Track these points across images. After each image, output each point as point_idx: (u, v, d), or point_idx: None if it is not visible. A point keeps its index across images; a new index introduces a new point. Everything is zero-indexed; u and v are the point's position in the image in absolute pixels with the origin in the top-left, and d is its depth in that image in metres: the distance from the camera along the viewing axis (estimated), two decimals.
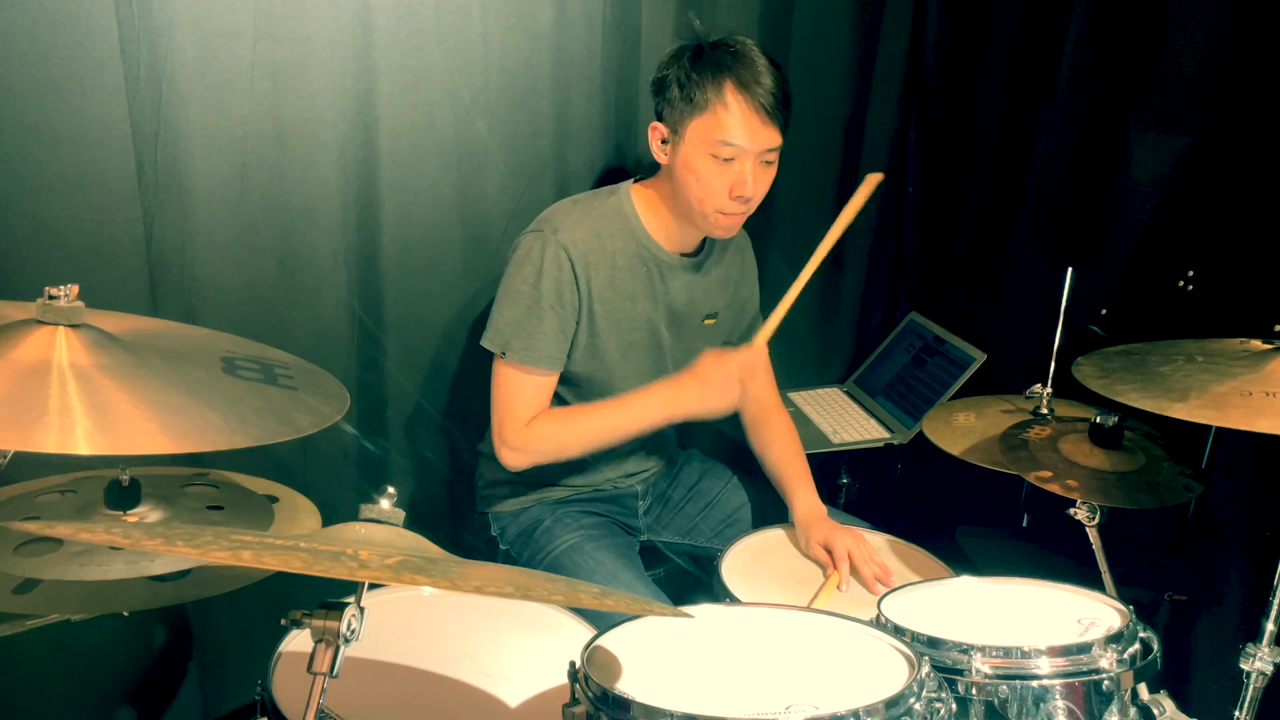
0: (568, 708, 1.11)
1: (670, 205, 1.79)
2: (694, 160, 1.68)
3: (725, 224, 1.74)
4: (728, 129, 1.65)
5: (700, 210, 1.72)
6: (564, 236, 1.73)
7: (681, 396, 1.74)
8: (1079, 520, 1.57)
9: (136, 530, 1.02)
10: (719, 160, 1.67)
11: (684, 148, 1.69)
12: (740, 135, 1.65)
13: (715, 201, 1.70)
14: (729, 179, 1.68)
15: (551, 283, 1.72)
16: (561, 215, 1.77)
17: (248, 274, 1.83)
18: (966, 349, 2.37)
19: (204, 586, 1.33)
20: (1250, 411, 1.28)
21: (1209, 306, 1.90)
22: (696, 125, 1.67)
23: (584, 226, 1.76)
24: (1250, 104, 1.87)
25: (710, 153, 1.67)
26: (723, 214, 1.72)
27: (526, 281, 1.73)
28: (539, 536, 1.88)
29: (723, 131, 1.65)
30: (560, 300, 1.74)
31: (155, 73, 1.66)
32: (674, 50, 1.74)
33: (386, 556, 0.97)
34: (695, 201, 1.71)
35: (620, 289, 1.80)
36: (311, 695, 0.99)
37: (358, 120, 1.86)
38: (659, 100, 1.74)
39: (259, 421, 1.13)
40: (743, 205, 1.71)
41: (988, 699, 1.23)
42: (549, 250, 1.72)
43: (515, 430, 1.76)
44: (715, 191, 1.69)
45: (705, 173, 1.68)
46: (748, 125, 1.65)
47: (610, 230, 1.78)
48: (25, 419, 1.01)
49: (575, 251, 1.73)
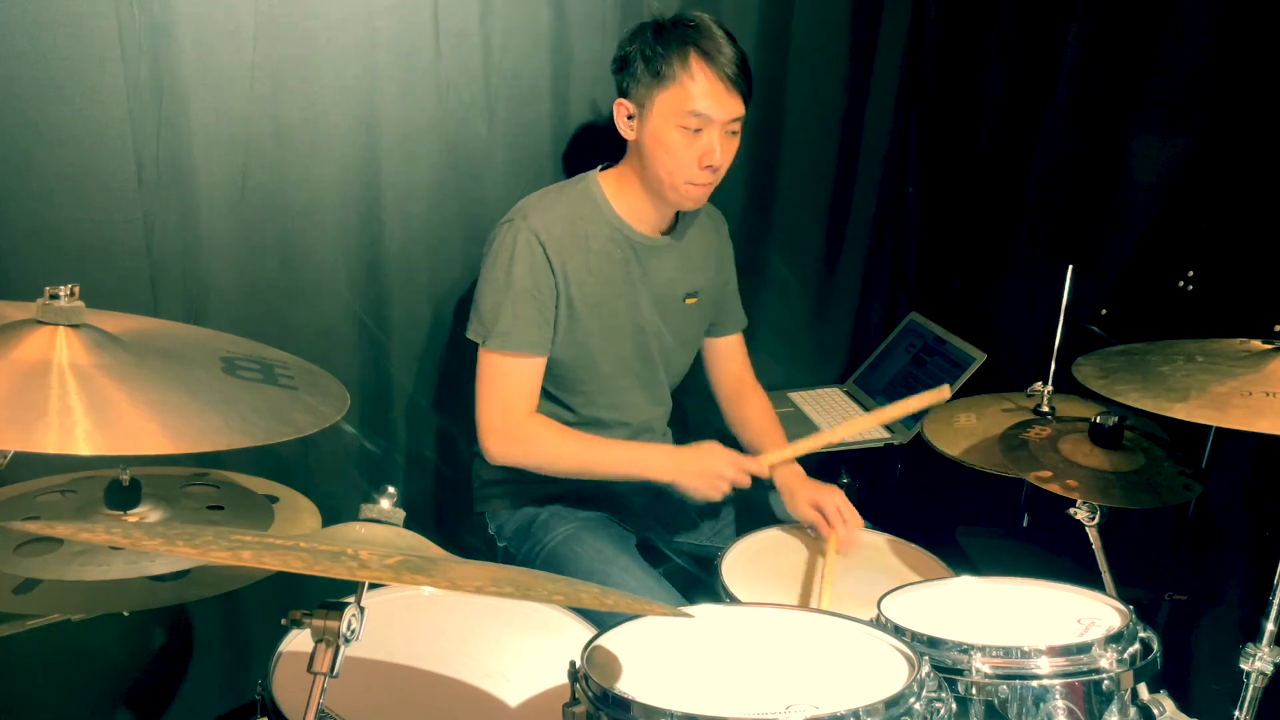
0: (568, 708, 1.11)
1: (640, 184, 1.81)
2: (662, 133, 1.72)
3: (695, 194, 1.78)
4: (695, 99, 1.68)
5: (670, 182, 1.75)
6: (534, 222, 1.75)
7: (676, 467, 1.78)
8: (1079, 520, 1.57)
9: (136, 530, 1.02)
10: (687, 131, 1.70)
11: (652, 121, 1.72)
12: (708, 105, 1.69)
13: (685, 173, 1.73)
14: (697, 150, 1.71)
15: (525, 268, 1.74)
16: (532, 204, 1.80)
17: (248, 274, 1.83)
18: (966, 349, 2.37)
19: (204, 586, 1.33)
20: (1250, 412, 1.28)
21: (1209, 306, 1.90)
22: (664, 98, 1.70)
23: (554, 212, 1.78)
24: (1250, 104, 1.87)
25: (679, 124, 1.70)
26: (692, 184, 1.75)
27: (501, 269, 1.75)
28: (536, 530, 1.88)
29: (690, 102, 1.68)
30: (536, 285, 1.75)
31: (156, 72, 1.66)
32: (634, 28, 1.77)
33: (386, 556, 0.97)
34: (665, 174, 1.75)
35: (597, 273, 1.81)
36: (311, 695, 0.99)
37: (359, 120, 1.86)
38: (622, 77, 1.77)
39: (259, 421, 1.13)
40: (711, 175, 1.75)
41: (988, 699, 1.23)
42: (520, 237, 1.74)
43: (502, 418, 1.77)
44: (685, 163, 1.72)
45: (674, 144, 1.71)
46: (714, 95, 1.69)
47: (581, 215, 1.80)
48: (25, 419, 1.01)
49: (546, 236, 1.75)
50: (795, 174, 2.46)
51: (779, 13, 2.32)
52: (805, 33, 2.37)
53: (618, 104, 1.77)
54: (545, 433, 1.81)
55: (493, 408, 1.78)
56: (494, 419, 1.78)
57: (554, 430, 1.82)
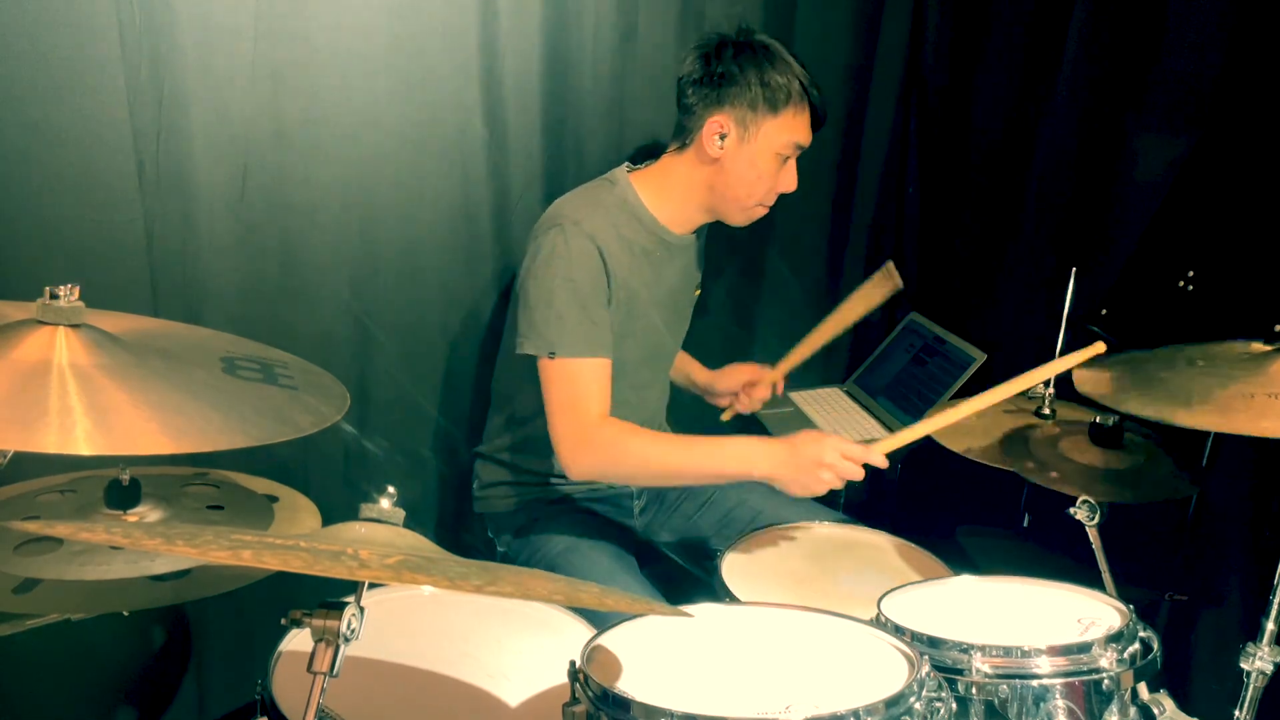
0: (568, 707, 1.11)
1: (689, 190, 1.82)
2: (760, 158, 1.75)
3: (757, 216, 1.84)
4: (801, 134, 1.77)
5: (744, 205, 1.80)
6: (587, 226, 1.73)
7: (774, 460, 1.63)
8: (1079, 520, 1.57)
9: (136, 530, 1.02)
10: (780, 160, 1.76)
11: (754, 145, 1.75)
12: (806, 138, 1.79)
13: (763, 197, 1.80)
14: (782, 178, 1.79)
15: (584, 272, 1.71)
16: (574, 208, 1.77)
17: (249, 274, 1.83)
18: (966, 349, 2.37)
19: (204, 586, 1.33)
20: (1254, 414, 1.27)
21: (1209, 307, 1.90)
22: (774, 126, 1.74)
23: (600, 216, 1.76)
24: (1250, 104, 1.87)
25: (778, 152, 1.75)
26: (763, 206, 1.83)
27: (560, 275, 1.69)
28: (535, 537, 1.88)
29: (798, 134, 1.77)
30: (596, 287, 1.73)
31: (156, 72, 1.66)
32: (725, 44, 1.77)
33: (386, 556, 0.97)
34: (744, 195, 1.78)
35: (636, 276, 1.81)
36: (311, 695, 0.99)
37: (360, 121, 1.86)
38: (720, 92, 1.74)
39: (259, 421, 1.13)
40: (775, 198, 1.82)
41: (988, 698, 1.23)
42: (575, 242, 1.71)
43: (577, 426, 1.67)
44: (768, 188, 1.79)
45: (767, 171, 1.76)
46: (810, 129, 1.79)
47: (622, 220, 1.80)
48: (25, 419, 1.01)
49: (601, 240, 1.73)
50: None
51: (780, 13, 2.32)
52: (806, 33, 2.37)
53: (712, 120, 1.74)
54: (627, 437, 1.68)
55: (568, 418, 1.67)
56: (570, 429, 1.67)
57: (635, 433, 1.69)
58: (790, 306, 2.56)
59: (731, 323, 2.44)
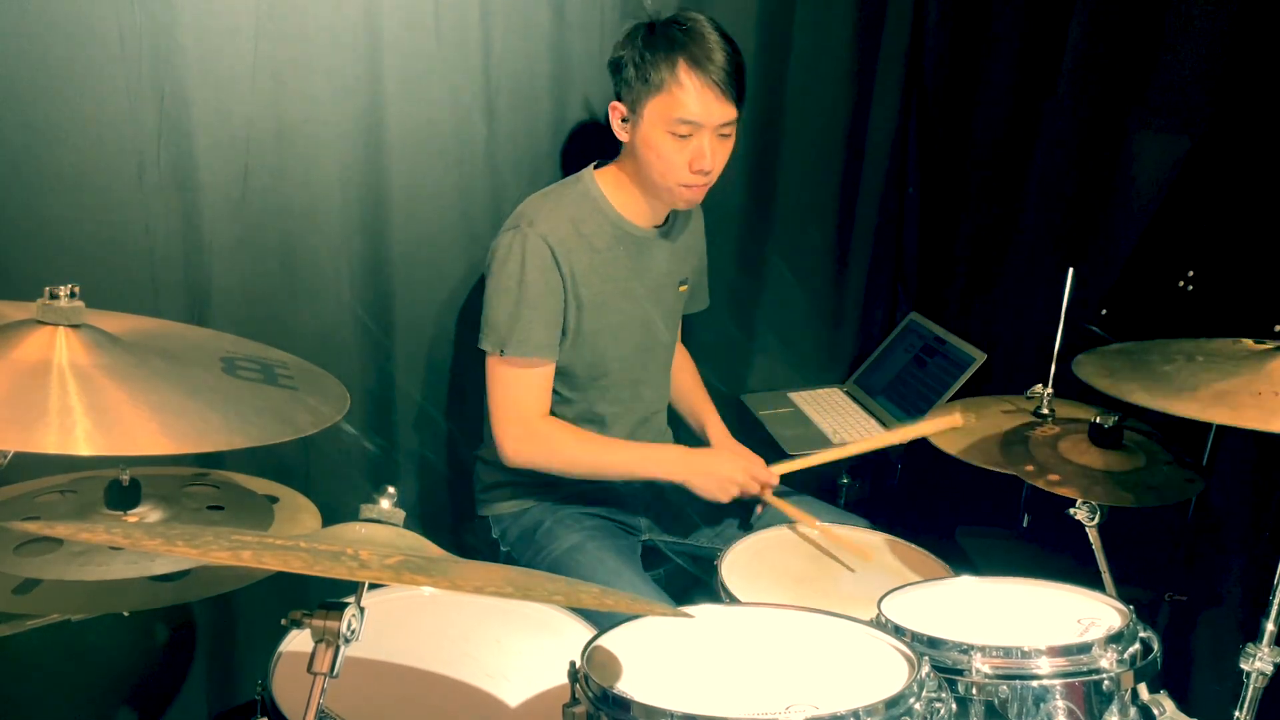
0: (568, 708, 1.11)
1: (636, 181, 1.83)
2: (653, 138, 1.74)
3: (688, 196, 1.80)
4: (684, 107, 1.70)
5: (664, 184, 1.78)
6: (541, 227, 1.76)
7: (690, 469, 1.84)
8: (1079, 520, 1.57)
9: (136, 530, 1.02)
10: (677, 137, 1.72)
11: (643, 126, 1.74)
12: (696, 112, 1.70)
13: (677, 176, 1.76)
14: (688, 154, 1.73)
15: (536, 274, 1.75)
16: (534, 208, 1.80)
17: (249, 274, 1.83)
18: (966, 349, 2.37)
19: (204, 586, 1.33)
20: (1265, 411, 1.27)
21: (1209, 306, 1.90)
22: (653, 105, 1.72)
23: (558, 215, 1.79)
24: (1250, 104, 1.87)
25: (668, 130, 1.72)
26: (685, 186, 1.78)
27: (512, 278, 1.75)
28: (540, 537, 1.88)
29: (679, 110, 1.70)
30: (548, 290, 1.76)
31: (156, 72, 1.66)
32: (628, 29, 1.78)
33: (387, 556, 0.97)
34: (658, 177, 1.77)
35: (601, 272, 1.82)
36: (311, 695, 0.99)
37: (360, 120, 1.86)
38: (616, 80, 1.78)
39: (259, 421, 1.13)
40: (704, 177, 1.77)
41: (988, 699, 1.23)
42: (529, 244, 1.75)
43: (520, 422, 1.79)
44: (676, 166, 1.75)
45: (665, 150, 1.73)
46: (703, 102, 1.70)
47: (583, 215, 1.81)
48: (25, 419, 1.01)
49: (554, 239, 1.76)
50: (796, 174, 2.46)
51: (780, 13, 2.32)
52: (806, 33, 2.37)
53: (612, 106, 1.79)
54: (561, 435, 1.83)
55: (509, 414, 1.79)
56: (511, 425, 1.79)
57: (569, 432, 1.85)
58: (790, 307, 2.56)
59: (731, 323, 2.44)
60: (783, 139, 2.41)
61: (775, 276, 2.52)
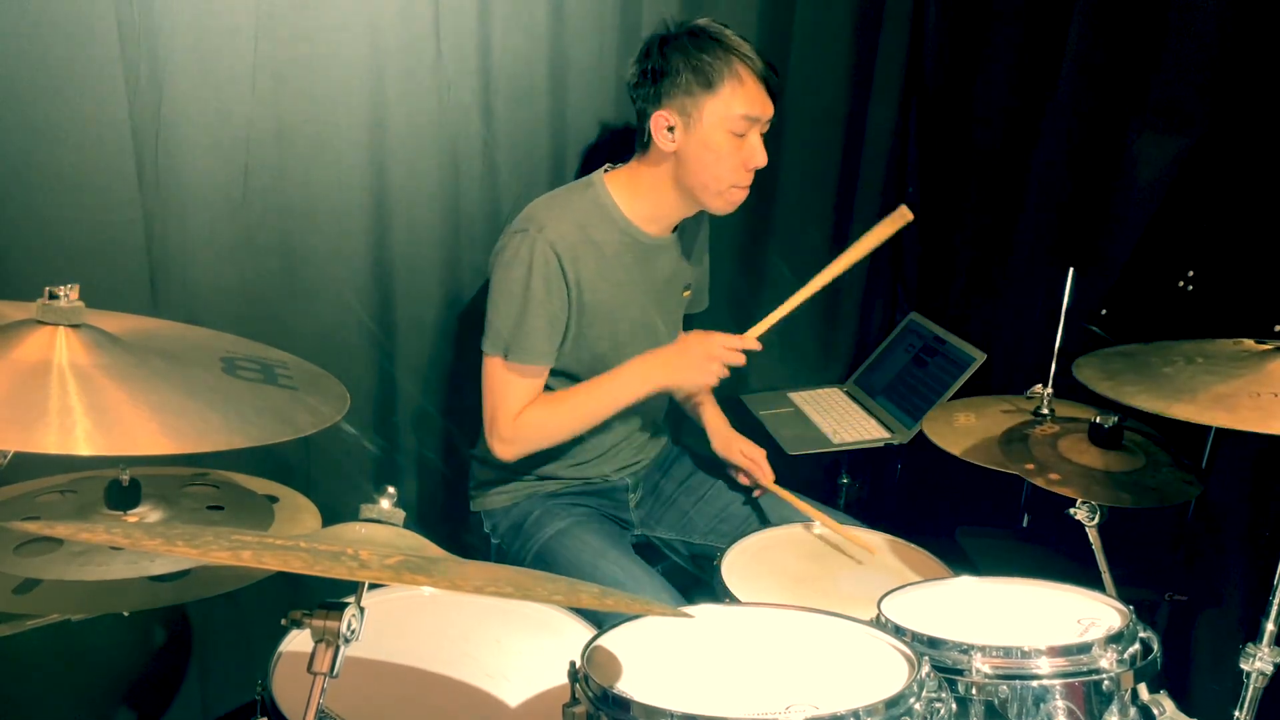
0: (568, 708, 1.11)
1: (657, 188, 1.82)
2: (714, 139, 1.74)
3: (738, 198, 1.82)
4: (748, 104, 1.73)
5: (717, 189, 1.78)
6: (550, 233, 1.75)
7: (660, 367, 1.81)
8: (1079, 520, 1.57)
9: (136, 530, 1.02)
10: (735, 136, 1.74)
11: (702, 129, 1.74)
12: (756, 107, 1.74)
13: (732, 176, 1.77)
14: (744, 154, 1.76)
15: (541, 280, 1.74)
16: (543, 212, 1.79)
17: (249, 275, 1.83)
18: (966, 349, 2.37)
19: (204, 586, 1.33)
20: (1263, 413, 1.27)
21: (1209, 306, 1.90)
22: (714, 105, 1.73)
23: (567, 220, 1.78)
24: (1251, 104, 1.87)
25: (730, 129, 1.74)
26: (738, 188, 1.80)
27: (518, 283, 1.75)
28: (529, 527, 1.89)
29: (743, 106, 1.73)
30: (551, 296, 1.76)
31: (156, 72, 1.66)
32: (655, 41, 1.77)
33: (386, 556, 0.97)
34: (712, 180, 1.77)
35: (608, 278, 1.82)
36: (311, 695, 0.99)
37: (360, 121, 1.86)
38: (658, 88, 1.75)
39: (259, 421, 1.13)
40: (751, 176, 1.79)
41: (988, 699, 1.23)
42: (536, 248, 1.74)
43: (507, 423, 1.79)
44: (733, 166, 1.76)
45: (725, 150, 1.75)
46: (760, 98, 1.75)
47: (591, 220, 1.81)
48: (25, 419, 1.01)
49: (562, 246, 1.75)
50: (796, 174, 2.46)
51: (780, 13, 2.32)
52: (806, 33, 2.37)
53: (657, 116, 1.76)
54: (540, 413, 1.81)
55: (503, 415, 1.79)
56: (503, 427, 1.80)
57: (544, 404, 1.83)
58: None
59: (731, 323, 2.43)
60: (783, 139, 2.41)
61: (775, 276, 2.52)
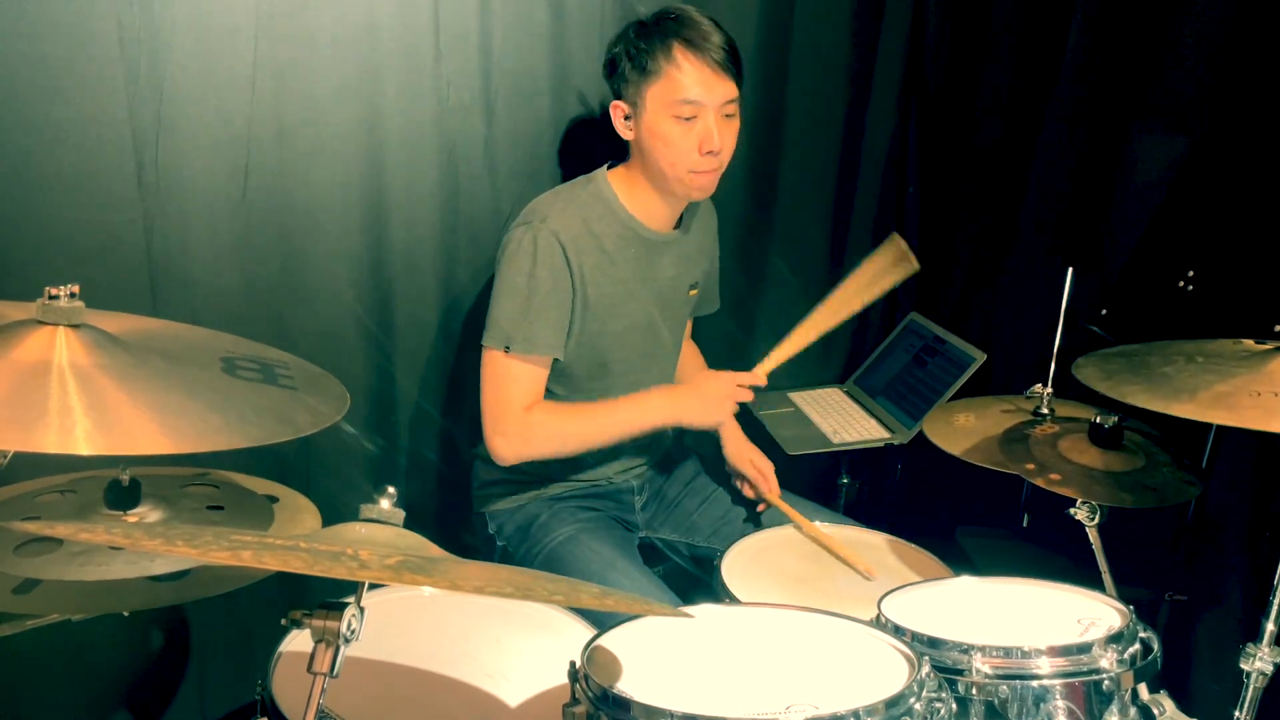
0: (568, 708, 1.11)
1: (648, 182, 1.82)
2: (658, 126, 1.72)
3: (701, 182, 1.78)
4: (684, 87, 1.70)
5: (674, 175, 1.76)
6: (553, 224, 1.75)
7: (679, 404, 1.83)
8: (1079, 520, 1.57)
9: (136, 530, 1.02)
10: (682, 120, 1.71)
11: (646, 116, 1.73)
12: (697, 91, 1.70)
13: (686, 161, 1.74)
14: (695, 137, 1.72)
15: (546, 271, 1.74)
16: (546, 205, 1.79)
17: (249, 274, 1.83)
18: (966, 349, 2.37)
19: (204, 586, 1.33)
20: (1264, 412, 1.27)
21: (1209, 306, 1.90)
22: (654, 91, 1.72)
23: (570, 214, 1.78)
24: (1251, 104, 1.87)
25: (672, 114, 1.71)
26: (696, 173, 1.76)
27: (522, 274, 1.74)
28: (535, 531, 1.88)
29: (680, 91, 1.70)
30: (556, 288, 1.75)
31: (156, 73, 1.66)
32: (619, 31, 1.79)
33: (386, 556, 0.97)
34: (668, 167, 1.75)
35: (610, 273, 1.81)
36: (311, 695, 0.99)
37: (359, 120, 1.86)
38: (613, 80, 1.78)
39: (259, 421, 1.13)
40: (714, 160, 1.75)
41: (988, 699, 1.23)
42: (541, 240, 1.74)
43: (512, 418, 1.77)
44: (684, 151, 1.73)
45: (672, 135, 1.72)
46: (703, 80, 1.70)
47: (595, 215, 1.80)
48: (25, 419, 1.01)
49: (565, 238, 1.75)
50: (796, 174, 2.46)
51: (779, 13, 2.32)
52: (806, 33, 2.37)
53: (613, 106, 1.78)
54: (549, 419, 1.80)
55: (504, 410, 1.77)
56: (505, 423, 1.77)
57: (553, 413, 1.81)
58: (791, 307, 2.55)
59: (731, 323, 2.43)
60: (783, 139, 2.41)
61: (775, 276, 2.52)
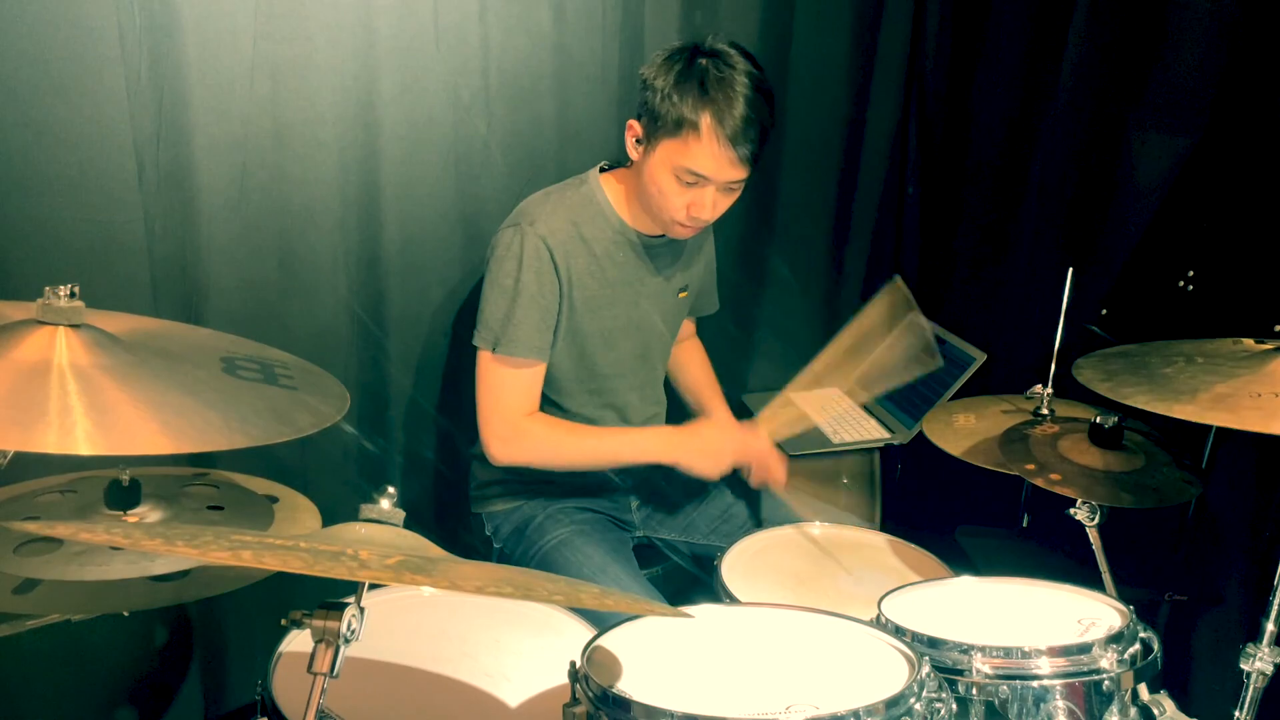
0: (568, 708, 1.11)
1: (633, 191, 1.81)
2: (659, 175, 1.70)
3: (682, 232, 1.78)
4: (697, 161, 1.65)
5: (659, 216, 1.76)
6: (541, 227, 1.75)
7: (679, 447, 1.82)
8: (1079, 520, 1.57)
9: (136, 530, 1.02)
10: (682, 183, 1.68)
11: (653, 160, 1.70)
12: (709, 168, 1.66)
13: (673, 214, 1.73)
14: (688, 198, 1.70)
15: (532, 274, 1.74)
16: (536, 207, 1.79)
17: (248, 274, 1.83)
18: (966, 349, 2.37)
19: (204, 586, 1.33)
20: (1264, 414, 1.27)
21: (1209, 306, 1.90)
22: (667, 145, 1.67)
23: (559, 216, 1.78)
24: (1250, 104, 1.87)
25: (675, 175, 1.68)
26: (679, 224, 1.75)
27: (509, 276, 1.74)
28: (531, 533, 1.88)
29: (691, 161, 1.65)
30: (542, 290, 1.75)
31: (156, 73, 1.66)
32: (669, 51, 1.71)
33: (386, 556, 0.97)
34: (656, 208, 1.75)
35: (599, 275, 1.81)
36: (311, 695, 0.99)
37: (358, 120, 1.87)
38: (642, 97, 1.72)
39: (259, 421, 1.13)
40: (700, 222, 1.74)
41: (988, 699, 1.23)
42: (528, 242, 1.74)
43: (505, 421, 1.78)
44: (675, 207, 1.71)
45: (668, 189, 1.70)
46: (716, 160, 1.65)
47: (585, 218, 1.80)
48: (25, 419, 1.01)
49: (554, 241, 1.75)
50: (796, 175, 2.46)
51: (780, 13, 2.32)
52: (806, 33, 2.37)
53: (630, 124, 1.74)
54: (545, 430, 1.81)
55: (497, 412, 1.78)
56: (498, 424, 1.78)
57: (553, 427, 1.83)
58: (791, 307, 2.56)
59: (731, 323, 2.44)
60: (783, 139, 2.41)
61: (775, 276, 2.52)
